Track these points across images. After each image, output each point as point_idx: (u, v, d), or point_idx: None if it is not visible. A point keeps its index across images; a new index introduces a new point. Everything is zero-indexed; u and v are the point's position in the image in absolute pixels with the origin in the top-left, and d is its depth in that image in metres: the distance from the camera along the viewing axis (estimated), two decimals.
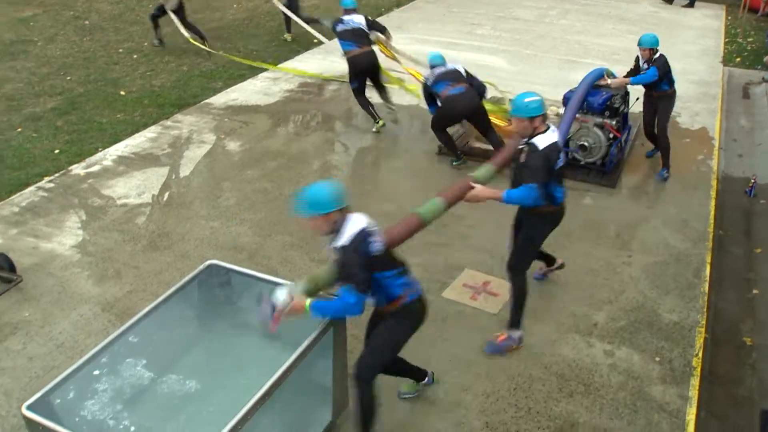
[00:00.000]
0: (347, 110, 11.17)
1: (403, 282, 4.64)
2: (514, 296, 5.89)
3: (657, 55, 8.43)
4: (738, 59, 14.00)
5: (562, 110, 8.67)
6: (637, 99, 9.26)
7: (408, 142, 9.98)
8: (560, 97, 8.90)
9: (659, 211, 8.12)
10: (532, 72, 12.82)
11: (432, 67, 9.14)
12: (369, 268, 4.42)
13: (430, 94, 9.13)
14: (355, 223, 4.43)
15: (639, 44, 8.50)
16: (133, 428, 4.48)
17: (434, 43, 14.44)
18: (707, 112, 10.95)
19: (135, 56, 14.15)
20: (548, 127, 5.50)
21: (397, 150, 9.76)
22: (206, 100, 11.71)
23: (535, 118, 5.42)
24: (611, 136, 8.59)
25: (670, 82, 8.57)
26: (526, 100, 5.46)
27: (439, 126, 9.17)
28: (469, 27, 16.00)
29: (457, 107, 8.85)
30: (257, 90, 12.14)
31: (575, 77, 11.03)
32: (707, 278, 6.91)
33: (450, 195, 5.41)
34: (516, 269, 5.88)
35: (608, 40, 14.83)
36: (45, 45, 14.96)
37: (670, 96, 8.67)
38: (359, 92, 10.28)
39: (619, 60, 12.97)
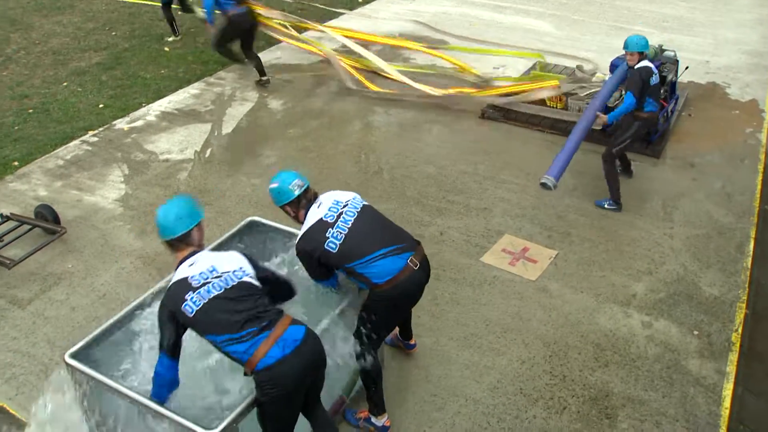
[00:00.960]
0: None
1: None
2: (362, 377, 4.77)
3: (641, 64, 7.17)
4: None
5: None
6: (687, 68, 9.05)
7: (449, 104, 9.87)
8: (608, 64, 8.73)
9: (704, 183, 7.97)
10: (579, 37, 12.58)
11: None
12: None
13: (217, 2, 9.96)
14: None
15: (625, 47, 7.24)
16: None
17: (480, 6, 14.30)
18: (758, 84, 10.66)
19: (180, 13, 14.15)
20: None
21: (438, 112, 9.68)
22: None
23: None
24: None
25: (644, 101, 7.21)
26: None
27: (220, 42, 10.27)
28: None
29: (243, 26, 10.13)
30: (300, 49, 12.10)
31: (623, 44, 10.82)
32: (750, 253, 6.78)
33: None
34: (361, 347, 4.62)
35: (658, 6, 14.46)
36: (91, 0, 15.04)
37: (638, 119, 7.26)
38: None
39: (668, 27, 12.69)
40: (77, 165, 8.38)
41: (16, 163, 8.41)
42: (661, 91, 8.35)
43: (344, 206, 4.51)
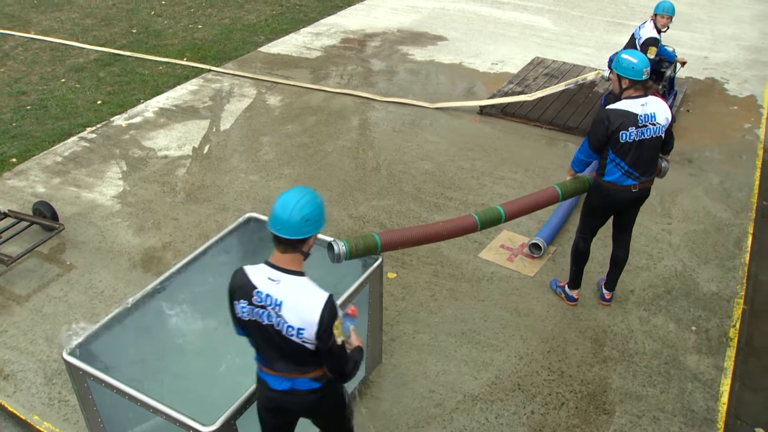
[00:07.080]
0: (389, 66, 11.09)
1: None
2: (572, 257, 5.94)
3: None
4: None
5: (607, 73, 8.49)
6: (685, 63, 9.06)
7: (448, 101, 9.86)
8: (605, 61, 8.74)
9: (702, 179, 7.97)
10: (577, 34, 12.58)
11: None
12: None
13: None
14: None
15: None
16: (167, 376, 4.57)
17: (478, 1, 14.29)
18: (757, 80, 10.67)
19: (177, 8, 14.16)
20: None
21: (437, 109, 9.67)
22: (247, 54, 11.70)
23: None
24: None
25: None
26: None
27: None
28: None
29: None
30: (299, 44, 12.10)
31: (621, 40, 10.81)
32: (748, 249, 6.79)
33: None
34: (578, 234, 5.85)
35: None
36: None
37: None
38: None
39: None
40: (75, 162, 8.37)
41: (14, 160, 8.40)
42: (660, 87, 8.37)
43: (652, 124, 5.08)
